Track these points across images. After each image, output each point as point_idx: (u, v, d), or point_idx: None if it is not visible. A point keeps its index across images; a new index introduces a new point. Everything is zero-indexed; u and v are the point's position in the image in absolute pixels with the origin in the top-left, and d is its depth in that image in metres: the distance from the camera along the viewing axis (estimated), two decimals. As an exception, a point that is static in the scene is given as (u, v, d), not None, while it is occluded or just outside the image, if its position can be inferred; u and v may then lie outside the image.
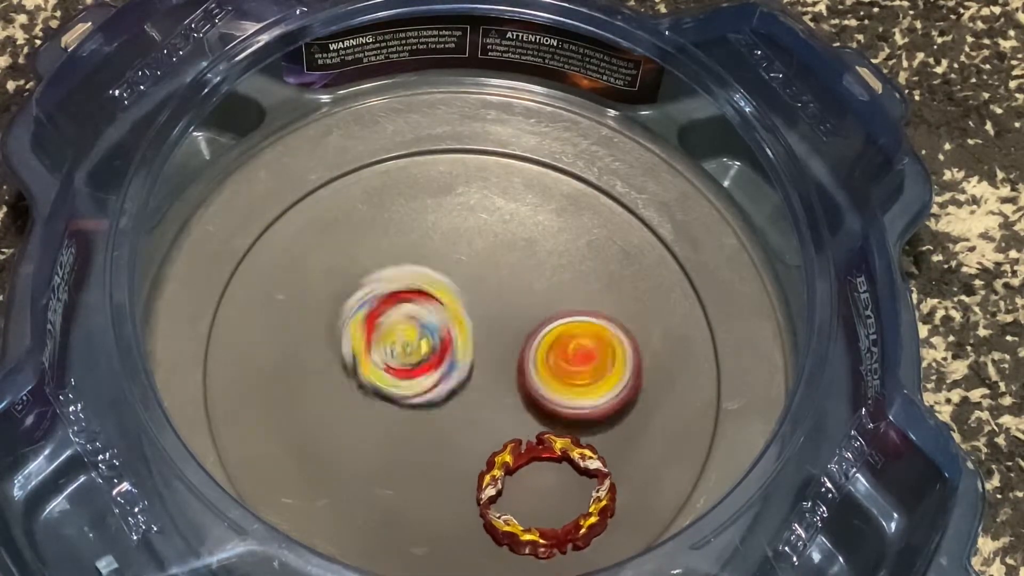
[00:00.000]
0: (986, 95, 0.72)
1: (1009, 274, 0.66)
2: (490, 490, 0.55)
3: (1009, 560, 0.59)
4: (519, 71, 0.67)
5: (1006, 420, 0.62)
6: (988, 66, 0.73)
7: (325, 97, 0.66)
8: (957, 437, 0.61)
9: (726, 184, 0.66)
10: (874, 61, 0.70)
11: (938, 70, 0.73)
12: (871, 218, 0.58)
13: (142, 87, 0.59)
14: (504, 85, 0.67)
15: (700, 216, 0.64)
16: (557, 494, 0.56)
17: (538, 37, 0.65)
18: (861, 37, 0.74)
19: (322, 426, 0.58)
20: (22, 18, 0.72)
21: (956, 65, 0.73)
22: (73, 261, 0.54)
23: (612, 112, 0.67)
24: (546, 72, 0.67)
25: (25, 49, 0.71)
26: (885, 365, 0.54)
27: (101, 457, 0.50)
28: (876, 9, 0.75)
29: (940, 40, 0.74)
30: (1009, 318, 0.65)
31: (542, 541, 0.54)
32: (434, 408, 0.58)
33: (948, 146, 0.71)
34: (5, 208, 0.66)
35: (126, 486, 0.49)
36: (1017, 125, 0.71)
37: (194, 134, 0.62)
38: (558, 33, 0.65)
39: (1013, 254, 0.67)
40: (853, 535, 0.51)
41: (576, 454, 0.57)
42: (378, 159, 0.65)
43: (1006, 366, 0.64)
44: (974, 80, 0.73)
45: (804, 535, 0.50)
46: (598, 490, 0.56)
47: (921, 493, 0.52)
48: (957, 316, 0.65)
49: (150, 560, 0.48)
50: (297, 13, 0.62)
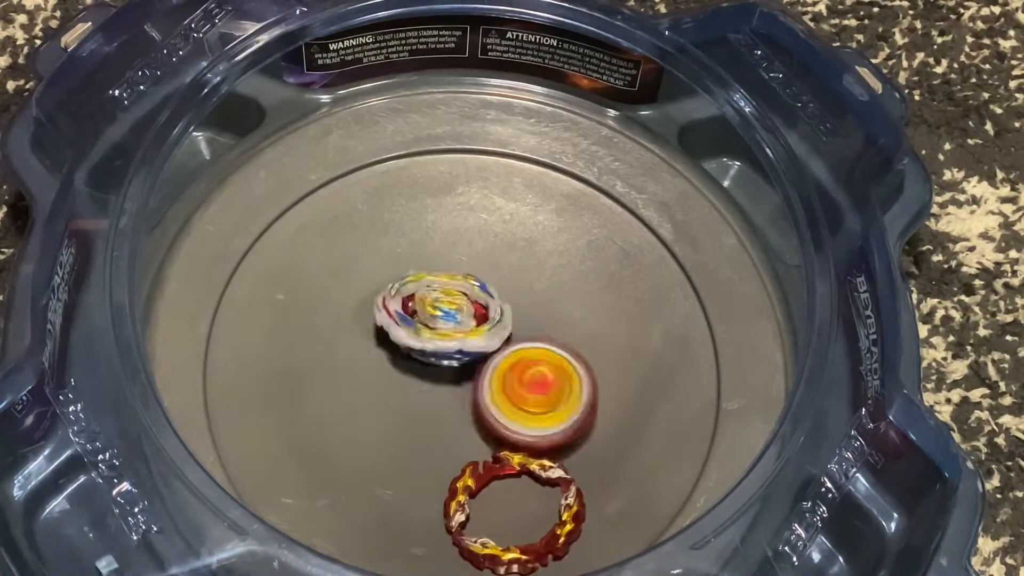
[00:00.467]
0: (986, 95, 0.72)
1: (1009, 274, 0.66)
2: (459, 516, 0.54)
3: (1009, 560, 0.59)
4: (519, 71, 0.67)
5: (1006, 420, 0.62)
6: (988, 66, 0.73)
7: (325, 97, 0.66)
8: (957, 437, 0.61)
9: (726, 184, 0.66)
10: (874, 61, 0.70)
11: (938, 70, 0.73)
12: (871, 218, 0.58)
13: (142, 87, 0.59)
14: (504, 85, 0.67)
15: (700, 216, 0.64)
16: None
17: (538, 37, 0.65)
18: (861, 37, 0.74)
19: (322, 426, 0.58)
20: (22, 18, 0.72)
21: (956, 65, 0.73)
22: (73, 261, 0.54)
23: (612, 112, 0.67)
24: (546, 72, 0.67)
25: (25, 49, 0.71)
26: (885, 365, 0.54)
27: (101, 457, 0.50)
28: (876, 9, 0.75)
29: (940, 40, 0.74)
30: (1009, 318, 0.65)
31: (524, 557, 0.54)
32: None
33: (948, 146, 0.71)
34: (5, 208, 0.66)
35: (126, 486, 0.49)
36: (1017, 125, 0.71)
37: (194, 134, 0.62)
38: (558, 33, 0.65)
39: (1013, 254, 0.67)
40: (853, 535, 0.51)
41: (535, 466, 0.56)
42: (378, 159, 0.65)
43: (1006, 366, 0.64)
44: (974, 80, 0.73)
45: (804, 535, 0.50)
46: (566, 497, 0.55)
47: (921, 493, 0.52)
48: (957, 316, 0.65)
49: (150, 560, 0.48)
50: (297, 13, 0.62)
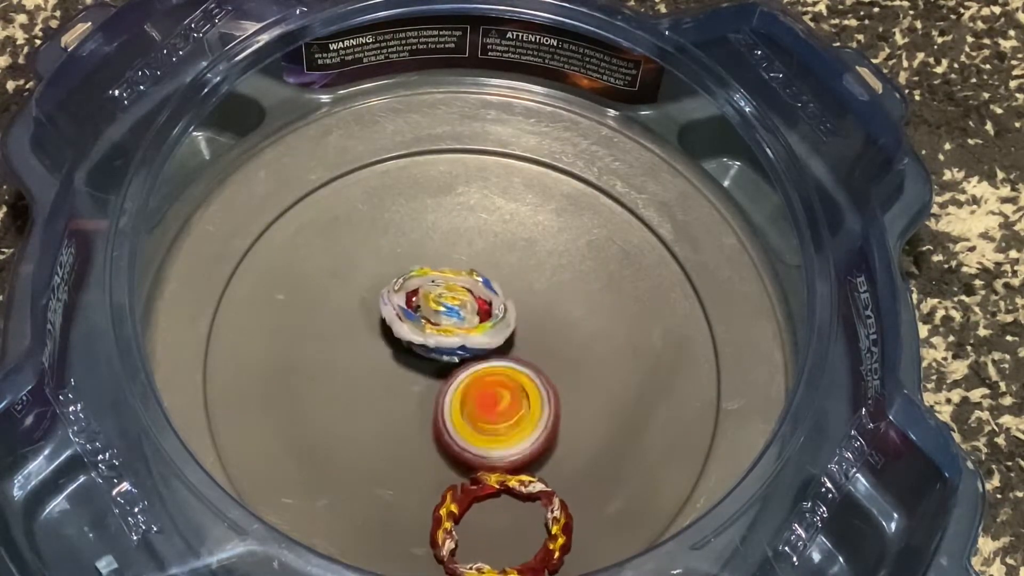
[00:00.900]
0: (986, 95, 0.72)
1: (1009, 274, 0.66)
2: (448, 544, 0.54)
3: (1009, 560, 0.59)
4: (519, 71, 0.67)
5: (1006, 420, 0.62)
6: (988, 66, 0.73)
7: (325, 97, 0.66)
8: (957, 437, 0.61)
9: (726, 184, 0.66)
10: (874, 61, 0.70)
11: (938, 70, 0.73)
12: (871, 218, 0.58)
13: (142, 87, 0.59)
14: (504, 85, 0.67)
15: (700, 216, 0.64)
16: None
17: (538, 37, 0.65)
18: (861, 37, 0.74)
19: (322, 426, 0.58)
20: (22, 18, 0.72)
21: (956, 65, 0.73)
22: (73, 261, 0.54)
23: (612, 112, 0.67)
24: (546, 72, 0.67)
25: (25, 49, 0.71)
26: (885, 365, 0.54)
27: (101, 457, 0.50)
28: (876, 9, 0.75)
29: (940, 40, 0.74)
30: (1009, 318, 0.65)
31: None
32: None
33: (948, 146, 0.71)
34: (5, 208, 0.66)
35: (126, 486, 0.49)
36: (1017, 125, 0.71)
37: (194, 134, 0.62)
38: (558, 33, 0.65)
39: (1013, 254, 0.67)
40: (853, 535, 0.51)
41: (515, 482, 0.56)
42: (378, 159, 0.65)
43: (1006, 366, 0.64)
44: (974, 80, 0.73)
45: (804, 535, 0.50)
46: (552, 510, 0.55)
47: (921, 493, 0.52)
48: (957, 316, 0.65)
49: (150, 560, 0.48)
50: (297, 13, 0.62)
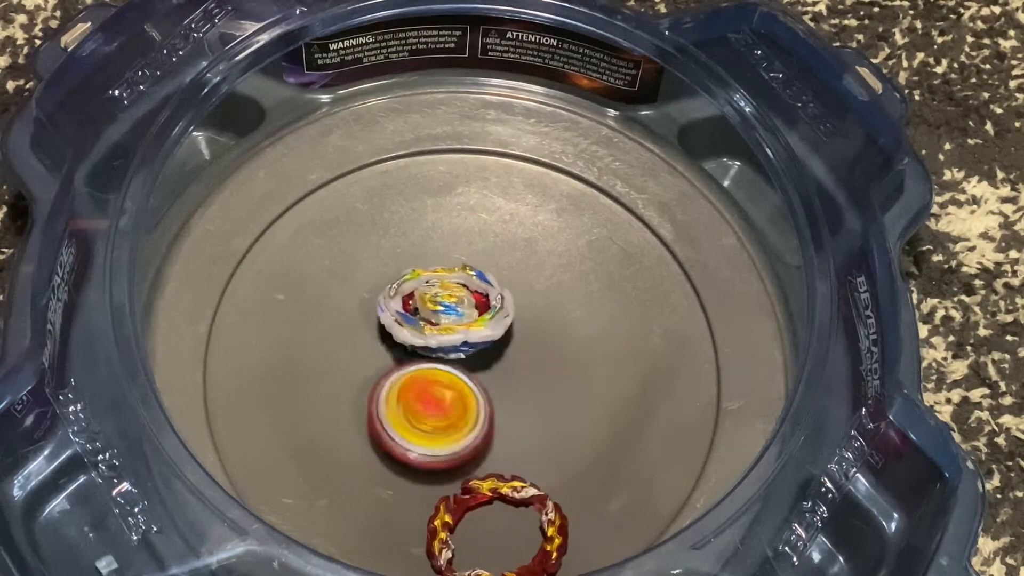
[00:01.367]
0: (986, 95, 0.72)
1: (1009, 274, 0.66)
2: (445, 554, 0.54)
3: (1009, 560, 0.59)
4: (519, 71, 0.67)
5: (1006, 420, 0.62)
6: (988, 66, 0.73)
7: (325, 97, 0.66)
8: (957, 437, 0.61)
9: (726, 184, 0.66)
10: (874, 61, 0.70)
11: (938, 70, 0.73)
12: (871, 218, 0.58)
13: (142, 87, 0.59)
14: (504, 85, 0.67)
15: (700, 216, 0.64)
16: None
17: (538, 37, 0.65)
18: (861, 37, 0.74)
19: (322, 426, 0.58)
20: (22, 18, 0.72)
21: (956, 65, 0.73)
22: (73, 261, 0.54)
23: (612, 112, 0.67)
24: (546, 72, 0.67)
25: (25, 49, 0.71)
26: (885, 365, 0.54)
27: (101, 457, 0.50)
28: (876, 9, 0.75)
29: (940, 40, 0.74)
30: (1009, 318, 0.65)
31: None
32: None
33: (948, 146, 0.71)
34: (5, 208, 0.66)
35: (126, 486, 0.49)
36: (1017, 125, 0.71)
37: (194, 134, 0.62)
38: (558, 33, 0.65)
39: (1013, 254, 0.67)
40: (853, 535, 0.51)
41: (507, 489, 0.56)
42: (378, 159, 0.65)
43: (1006, 366, 0.64)
44: (974, 80, 0.73)
45: (804, 535, 0.50)
46: (546, 513, 0.55)
47: (921, 493, 0.52)
48: (957, 316, 0.65)
49: (150, 560, 0.48)
50: (297, 13, 0.62)
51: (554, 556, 0.54)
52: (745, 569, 0.50)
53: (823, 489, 0.51)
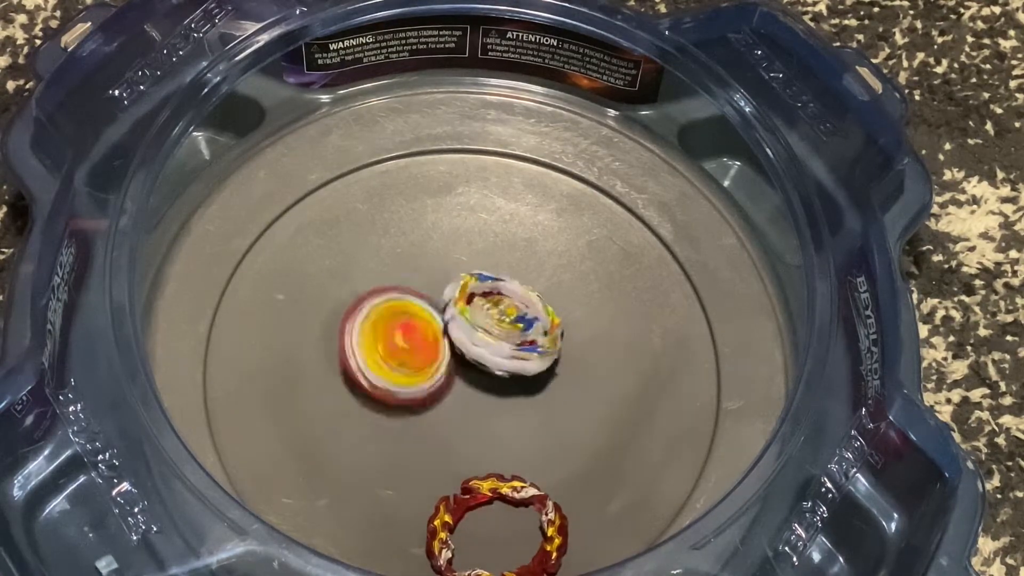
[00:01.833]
0: (986, 95, 0.72)
1: (1009, 274, 0.66)
2: (445, 554, 0.54)
3: (1009, 560, 0.59)
4: (519, 71, 0.67)
5: (1006, 420, 0.62)
6: (988, 66, 0.73)
7: (325, 97, 0.66)
8: (957, 437, 0.61)
9: (726, 184, 0.66)
10: (874, 61, 0.70)
11: (938, 70, 0.73)
12: (871, 218, 0.58)
13: (142, 87, 0.59)
14: (504, 85, 0.67)
15: (700, 216, 0.64)
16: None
17: (538, 37, 0.65)
18: (861, 37, 0.74)
19: (322, 426, 0.58)
20: (22, 18, 0.72)
21: (956, 65, 0.73)
22: (73, 261, 0.54)
23: (612, 112, 0.67)
24: (546, 72, 0.67)
25: (25, 49, 0.71)
26: (885, 365, 0.54)
27: (101, 457, 0.50)
28: (876, 9, 0.75)
29: (940, 40, 0.74)
30: (1009, 318, 0.65)
31: None
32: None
33: (948, 146, 0.71)
34: (5, 208, 0.66)
35: (126, 486, 0.49)
36: (1017, 125, 0.71)
37: (194, 134, 0.62)
38: (558, 33, 0.65)
39: (1013, 254, 0.67)
40: (853, 535, 0.51)
41: (507, 489, 0.56)
42: (378, 159, 0.65)
43: (1006, 366, 0.64)
44: (974, 80, 0.73)
45: (804, 535, 0.50)
46: (546, 513, 0.55)
47: (921, 493, 0.52)
48: (957, 316, 0.65)
49: (150, 560, 0.48)
50: (297, 13, 0.62)
51: (554, 556, 0.54)
52: (745, 569, 0.50)
53: (823, 489, 0.51)
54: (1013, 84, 0.73)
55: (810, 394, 0.53)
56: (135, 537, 0.48)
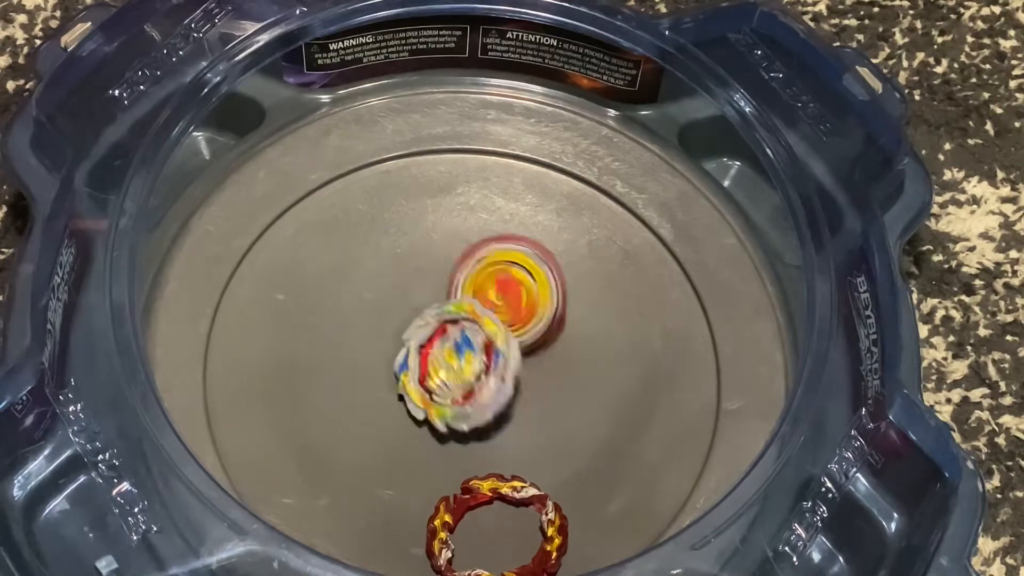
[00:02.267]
0: (986, 95, 0.72)
1: (1009, 274, 0.66)
2: (445, 553, 0.54)
3: (1009, 560, 0.59)
4: (519, 71, 0.67)
5: (1006, 420, 0.62)
6: (988, 66, 0.73)
7: (325, 97, 0.66)
8: (957, 437, 0.61)
9: (726, 184, 0.66)
10: (874, 61, 0.70)
11: (938, 70, 0.73)
12: (871, 218, 0.58)
13: (142, 87, 0.59)
14: (504, 85, 0.67)
15: (700, 216, 0.64)
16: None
17: (538, 37, 0.65)
18: (861, 37, 0.74)
19: (322, 426, 0.58)
20: (22, 18, 0.72)
21: (956, 65, 0.73)
22: (73, 261, 0.54)
23: (612, 112, 0.67)
24: (546, 72, 0.67)
25: (25, 49, 0.71)
26: (885, 365, 0.54)
27: (101, 457, 0.50)
28: (876, 9, 0.75)
29: (940, 40, 0.74)
30: (1009, 318, 0.65)
31: None
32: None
33: (948, 146, 0.71)
34: (5, 208, 0.66)
35: (126, 486, 0.49)
36: (1017, 125, 0.71)
37: (194, 134, 0.62)
38: (558, 33, 0.65)
39: (1013, 254, 0.67)
40: (853, 535, 0.51)
41: (507, 489, 0.56)
42: (378, 159, 0.65)
43: (1006, 366, 0.64)
44: (974, 80, 0.73)
45: (804, 535, 0.50)
46: (546, 513, 0.55)
47: (921, 493, 0.52)
48: (957, 316, 0.65)
49: (150, 560, 0.48)
50: (297, 13, 0.62)
51: (554, 556, 0.54)
52: (745, 569, 0.50)
53: (823, 489, 0.51)
54: (1013, 84, 0.73)
55: (810, 394, 0.53)
56: (135, 537, 0.48)
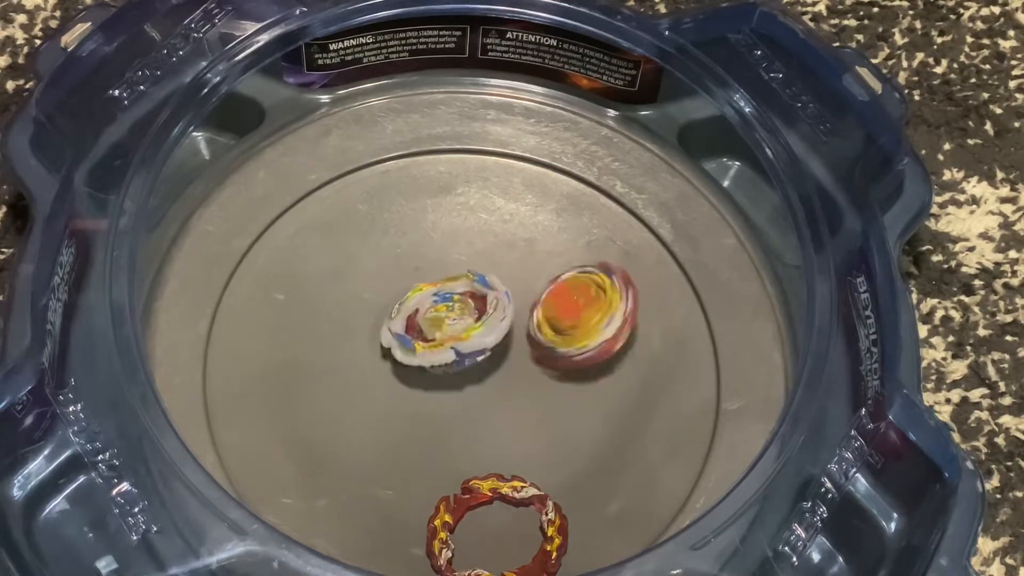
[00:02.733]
0: (986, 95, 0.72)
1: (1009, 274, 0.66)
2: (446, 553, 0.54)
3: (1009, 560, 0.59)
4: (519, 71, 0.67)
5: (1005, 420, 0.62)
6: (988, 66, 0.73)
7: (325, 97, 0.66)
8: (957, 437, 0.61)
9: (726, 184, 0.66)
10: (874, 61, 0.70)
11: (938, 70, 0.73)
12: (871, 218, 0.58)
13: (142, 87, 0.59)
14: (504, 85, 0.67)
15: (700, 216, 0.64)
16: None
17: (538, 37, 0.65)
18: (861, 37, 0.74)
19: (322, 426, 0.58)
20: (21, 18, 0.72)
21: (956, 65, 0.73)
22: (73, 261, 0.54)
23: (612, 112, 0.67)
24: (546, 72, 0.67)
25: (25, 49, 0.71)
26: (885, 365, 0.54)
27: (101, 457, 0.50)
28: (876, 9, 0.75)
29: (940, 40, 0.74)
30: (1009, 318, 0.65)
31: None
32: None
33: (948, 146, 0.71)
34: (5, 208, 0.66)
35: (126, 486, 0.49)
36: (1017, 125, 0.71)
37: (194, 134, 0.62)
38: (558, 33, 0.65)
39: (1012, 254, 0.67)
40: (853, 535, 0.51)
41: (507, 489, 0.56)
42: (378, 159, 0.65)
43: (1005, 366, 0.64)
44: (974, 80, 0.73)
45: (804, 535, 0.50)
46: (546, 513, 0.55)
47: (921, 493, 0.52)
48: (957, 316, 0.65)
49: (150, 560, 0.48)
50: (297, 13, 0.62)
51: (554, 556, 0.54)
52: (745, 569, 0.50)
53: (823, 489, 0.51)
54: (1012, 84, 0.73)
55: (810, 394, 0.53)
56: (135, 537, 0.48)
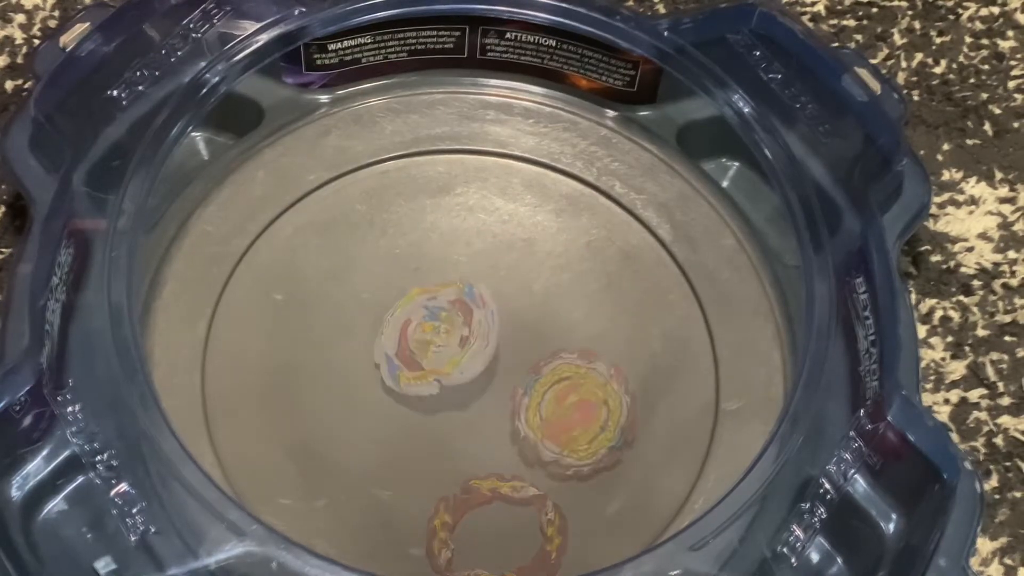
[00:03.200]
0: (985, 95, 0.72)
1: (1008, 274, 0.66)
2: (445, 554, 0.54)
3: (1007, 560, 0.59)
4: (518, 71, 0.67)
5: (1004, 420, 0.62)
6: (987, 66, 0.73)
7: (324, 97, 0.66)
8: (955, 438, 0.61)
9: (725, 185, 0.66)
10: (873, 61, 0.70)
11: (937, 70, 0.73)
12: (870, 219, 0.58)
13: (141, 87, 0.59)
14: (503, 85, 0.67)
15: (699, 217, 0.64)
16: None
17: (537, 37, 0.65)
18: (860, 37, 0.74)
19: (321, 426, 0.58)
20: (20, 18, 0.72)
21: (955, 65, 0.73)
22: (71, 261, 0.54)
23: (611, 112, 0.67)
24: (545, 72, 0.67)
25: (23, 49, 0.71)
26: (884, 366, 0.54)
27: (99, 458, 0.50)
28: (875, 9, 0.75)
29: (939, 40, 0.74)
30: (1007, 318, 0.65)
31: None
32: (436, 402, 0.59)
33: (947, 146, 0.71)
34: (4, 208, 0.66)
35: (124, 487, 0.49)
36: (1016, 125, 0.71)
37: (193, 134, 0.62)
38: (557, 33, 0.65)
39: (1012, 254, 0.67)
40: (852, 536, 0.51)
41: (507, 489, 0.56)
42: (377, 159, 0.65)
43: (1004, 366, 0.64)
44: (973, 80, 0.73)
45: (803, 536, 0.50)
46: (546, 513, 0.55)
47: (920, 494, 0.52)
48: (955, 316, 0.65)
49: (148, 561, 0.48)
50: (296, 13, 0.62)
51: (554, 556, 0.54)
52: (743, 570, 0.50)
53: (821, 490, 0.51)
54: (1011, 84, 0.73)
55: (809, 395, 0.53)
56: (133, 538, 0.48)
